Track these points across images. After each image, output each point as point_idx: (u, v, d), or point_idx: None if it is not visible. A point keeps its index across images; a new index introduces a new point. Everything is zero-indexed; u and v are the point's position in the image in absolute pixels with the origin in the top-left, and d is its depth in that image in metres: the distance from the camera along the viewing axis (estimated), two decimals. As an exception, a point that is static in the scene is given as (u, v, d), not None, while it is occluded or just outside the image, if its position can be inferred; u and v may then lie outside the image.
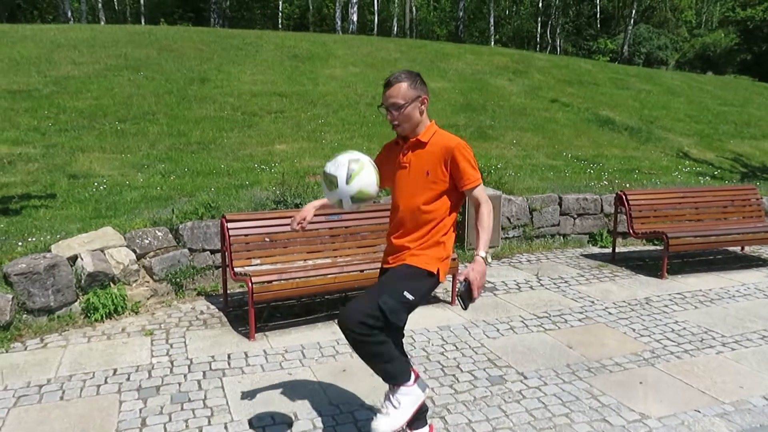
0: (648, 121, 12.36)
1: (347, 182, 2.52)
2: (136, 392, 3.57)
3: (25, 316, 4.41)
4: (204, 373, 3.84)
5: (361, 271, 4.76)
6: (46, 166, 6.92)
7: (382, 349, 2.56)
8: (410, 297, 2.58)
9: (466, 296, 2.55)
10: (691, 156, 10.48)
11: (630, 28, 36.28)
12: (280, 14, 39.06)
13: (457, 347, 4.31)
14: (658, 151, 10.49)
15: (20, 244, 4.80)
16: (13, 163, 6.94)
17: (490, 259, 2.59)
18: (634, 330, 4.69)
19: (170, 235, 5.27)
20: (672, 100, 14.73)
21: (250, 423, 3.24)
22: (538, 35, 41.36)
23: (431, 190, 2.66)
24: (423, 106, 2.67)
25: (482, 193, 2.67)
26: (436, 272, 2.67)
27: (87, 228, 5.11)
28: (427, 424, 2.92)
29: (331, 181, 2.56)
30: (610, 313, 5.05)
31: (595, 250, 7.18)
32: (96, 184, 6.41)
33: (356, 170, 2.53)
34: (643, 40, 37.79)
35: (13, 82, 10.04)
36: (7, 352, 4.10)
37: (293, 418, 3.30)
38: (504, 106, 11.82)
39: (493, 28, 36.72)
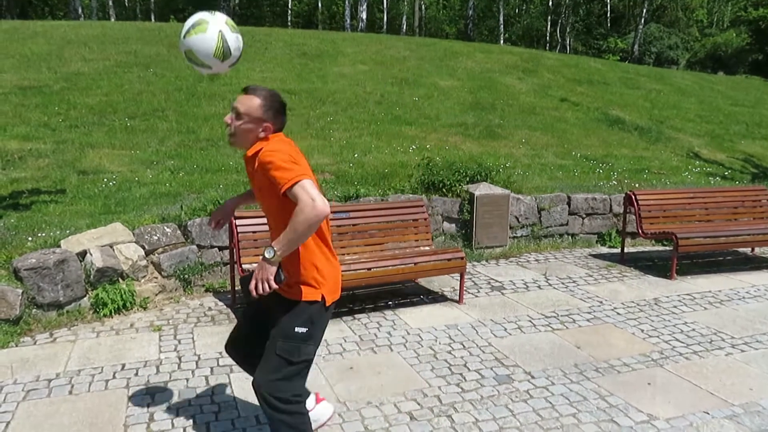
0: (658, 120, 12.28)
1: (183, 36, 2.44)
2: (144, 387, 3.59)
3: (34, 310, 4.44)
4: (212, 369, 3.85)
5: (369, 269, 4.76)
6: (56, 162, 6.96)
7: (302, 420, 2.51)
8: (303, 330, 2.44)
9: (246, 290, 2.47)
10: (701, 156, 10.40)
11: (641, 27, 36.06)
12: (289, 12, 39.12)
13: (464, 346, 4.30)
14: (669, 151, 10.43)
15: (30, 239, 4.83)
16: (23, 158, 6.99)
17: (273, 257, 2.24)
18: (642, 330, 4.66)
19: (179, 232, 5.29)
20: (683, 100, 14.63)
21: (257, 419, 3.25)
22: (548, 34, 41.20)
23: (274, 205, 2.40)
24: (263, 133, 2.40)
25: (301, 192, 2.19)
26: (320, 298, 2.47)
27: (96, 224, 5.13)
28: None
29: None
30: (618, 314, 5.02)
31: (604, 250, 7.15)
32: (105, 180, 6.44)
33: (196, 29, 2.43)
34: (654, 39, 37.54)
35: (24, 78, 10.11)
36: (17, 346, 4.13)
37: (300, 415, 3.30)
38: (513, 104, 11.77)
39: (502, 26, 36.61)
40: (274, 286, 2.29)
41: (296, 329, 2.42)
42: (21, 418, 3.23)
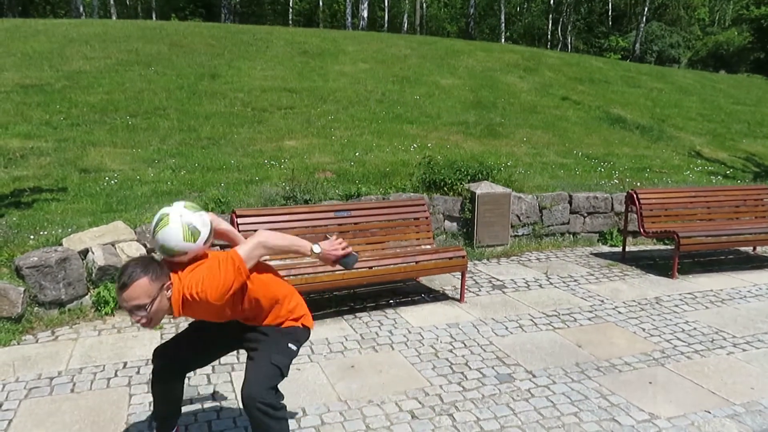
0: (660, 119, 12.27)
1: (153, 234, 2.47)
2: (146, 386, 3.59)
3: (36, 308, 4.45)
4: (213, 367, 3.85)
5: (370, 267, 4.77)
6: (57, 160, 6.96)
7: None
8: (294, 348, 2.71)
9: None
10: (703, 155, 10.39)
11: (642, 25, 35.99)
12: (290, 10, 39.08)
13: (465, 345, 4.30)
14: (670, 149, 10.42)
15: (32, 237, 4.84)
16: (25, 156, 6.99)
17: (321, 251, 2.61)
18: (644, 329, 4.66)
19: (180, 230, 5.28)
20: (684, 99, 14.61)
21: (259, 418, 3.25)
22: (549, 32, 41.15)
23: (244, 302, 2.58)
24: (169, 291, 2.37)
25: (242, 251, 2.45)
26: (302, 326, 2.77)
27: (98, 222, 5.14)
28: None
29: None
30: (619, 313, 5.02)
31: (605, 249, 7.14)
32: (107, 178, 6.45)
33: (160, 225, 2.44)
34: (656, 37, 37.48)
35: (25, 77, 10.11)
36: (18, 344, 4.14)
37: (301, 413, 3.31)
38: (514, 103, 11.76)
39: (504, 25, 36.56)
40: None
41: (289, 345, 2.68)
42: (23, 416, 3.24)
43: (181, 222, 2.44)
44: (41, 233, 4.90)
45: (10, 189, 5.96)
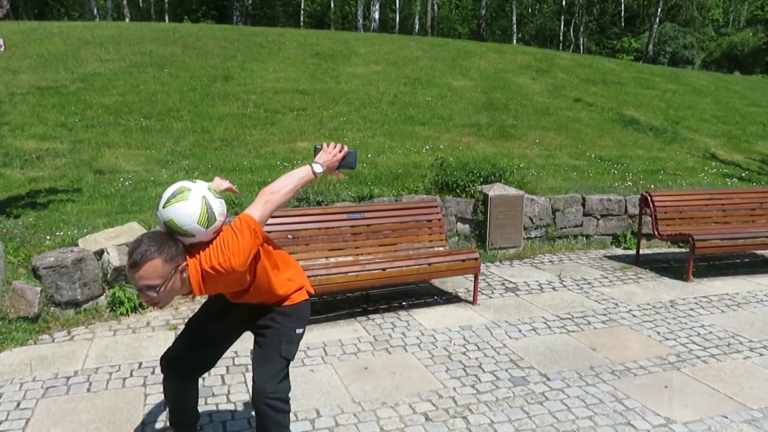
0: (673, 121, 12.18)
1: (163, 206, 2.24)
2: (161, 386, 3.61)
3: (53, 308, 4.49)
4: (227, 368, 3.87)
5: (383, 269, 4.77)
6: (73, 161, 7.03)
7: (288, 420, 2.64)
8: (301, 331, 2.68)
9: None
10: (718, 157, 10.30)
11: (655, 26, 35.77)
12: (302, 12, 39.22)
13: (479, 347, 4.29)
14: (684, 152, 10.34)
15: (48, 237, 4.89)
16: (41, 158, 7.07)
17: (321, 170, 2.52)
18: (658, 333, 4.62)
19: (194, 231, 5.31)
20: (698, 101, 14.50)
21: (273, 419, 3.26)
22: (561, 34, 40.99)
23: (256, 273, 2.47)
24: (185, 274, 2.24)
25: (254, 209, 2.34)
26: (307, 296, 2.74)
27: (113, 223, 5.18)
28: None
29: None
30: (634, 316, 4.99)
31: (619, 251, 7.10)
32: (121, 179, 6.50)
33: (177, 198, 2.23)
34: (669, 38, 37.21)
35: (41, 79, 10.22)
36: (35, 343, 4.18)
37: (315, 414, 3.32)
38: (527, 105, 11.73)
39: (515, 26, 36.47)
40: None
41: (297, 331, 2.61)
42: (40, 415, 3.27)
43: (202, 202, 2.23)
44: (57, 234, 4.95)
45: (26, 190, 6.03)
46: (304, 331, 2.68)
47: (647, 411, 3.44)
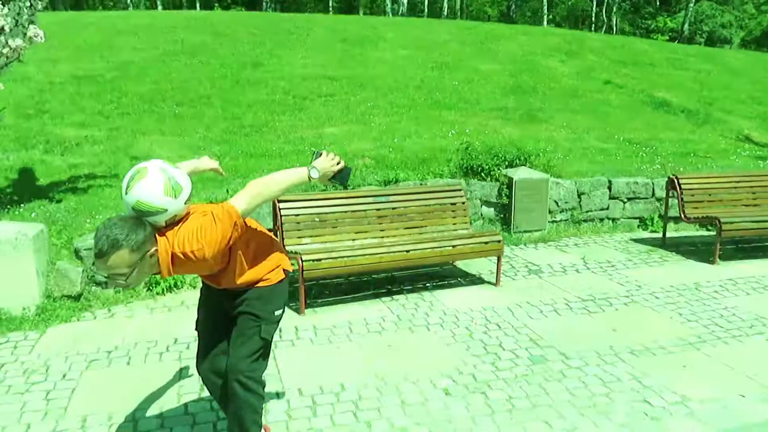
0: (707, 102, 11.94)
1: (126, 191, 2.18)
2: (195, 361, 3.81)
3: (93, 287, 4.74)
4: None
5: (407, 251, 4.89)
6: (109, 148, 7.30)
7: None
8: (279, 312, 2.65)
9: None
10: (752, 139, 10.10)
11: (692, 5, 34.73)
12: (331, -3, 39.16)
13: (500, 327, 4.39)
14: (717, 134, 10.16)
15: (88, 221, 5.14)
16: (80, 144, 7.36)
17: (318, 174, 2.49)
18: (681, 315, 4.65)
19: (225, 215, 5.51)
20: (734, 81, 14.16)
21: (300, 391, 3.43)
22: (594, 14, 40.13)
23: (233, 253, 2.42)
24: (153, 258, 2.19)
25: (239, 199, 2.30)
26: (285, 275, 2.67)
27: (149, 207, 5.40)
28: None
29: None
30: (657, 298, 5.02)
31: (645, 234, 7.08)
32: (156, 165, 6.73)
33: (135, 178, 2.17)
34: (706, 17, 36.14)
35: (78, 68, 10.56)
36: (78, 320, 4.43)
37: (340, 388, 3.48)
38: (555, 88, 11.64)
39: (546, 7, 35.83)
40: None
41: (275, 312, 2.61)
42: (85, 386, 3.50)
43: (163, 175, 2.18)
44: (97, 217, 5.19)
45: (67, 176, 6.31)
46: (283, 311, 2.65)
47: (664, 389, 3.51)
